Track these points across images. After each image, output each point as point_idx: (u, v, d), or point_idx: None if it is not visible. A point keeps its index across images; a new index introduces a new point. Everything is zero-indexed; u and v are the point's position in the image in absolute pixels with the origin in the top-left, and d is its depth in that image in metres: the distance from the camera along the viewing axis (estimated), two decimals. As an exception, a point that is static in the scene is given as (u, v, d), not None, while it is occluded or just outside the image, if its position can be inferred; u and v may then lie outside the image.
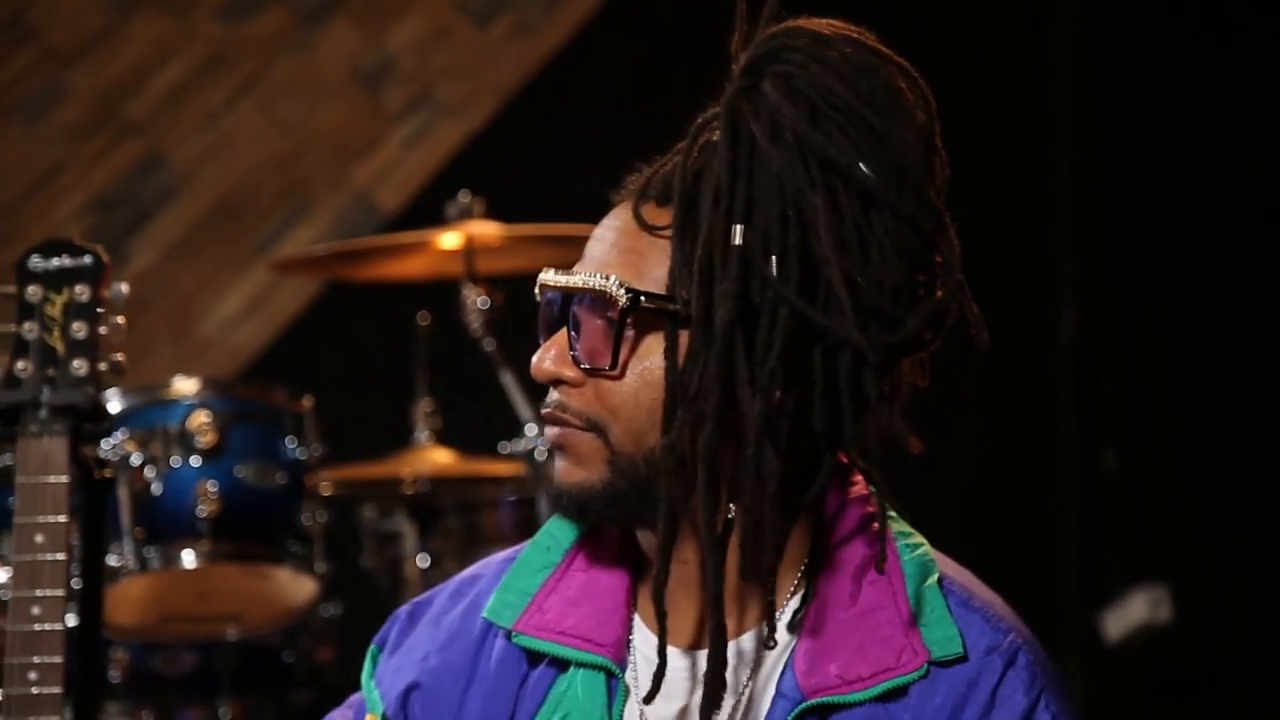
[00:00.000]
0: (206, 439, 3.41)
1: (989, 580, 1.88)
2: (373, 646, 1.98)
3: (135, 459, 3.37)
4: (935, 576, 1.82)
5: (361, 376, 4.93)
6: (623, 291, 1.78)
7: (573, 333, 1.81)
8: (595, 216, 3.99)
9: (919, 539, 1.85)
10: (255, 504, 3.46)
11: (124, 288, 2.57)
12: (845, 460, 1.83)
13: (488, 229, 3.80)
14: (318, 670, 3.94)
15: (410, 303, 4.53)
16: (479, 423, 4.22)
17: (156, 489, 3.39)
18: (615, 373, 1.79)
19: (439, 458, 4.06)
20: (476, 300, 3.73)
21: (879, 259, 1.73)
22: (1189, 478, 4.87)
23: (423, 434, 4.10)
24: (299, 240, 5.28)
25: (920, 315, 1.74)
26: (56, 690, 2.42)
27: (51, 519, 2.46)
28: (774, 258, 1.73)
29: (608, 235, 1.84)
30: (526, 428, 3.65)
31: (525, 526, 4.03)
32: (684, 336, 1.76)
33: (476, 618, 1.90)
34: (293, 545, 3.52)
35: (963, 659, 1.77)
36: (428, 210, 5.19)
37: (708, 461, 1.74)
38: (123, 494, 3.36)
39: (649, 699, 1.79)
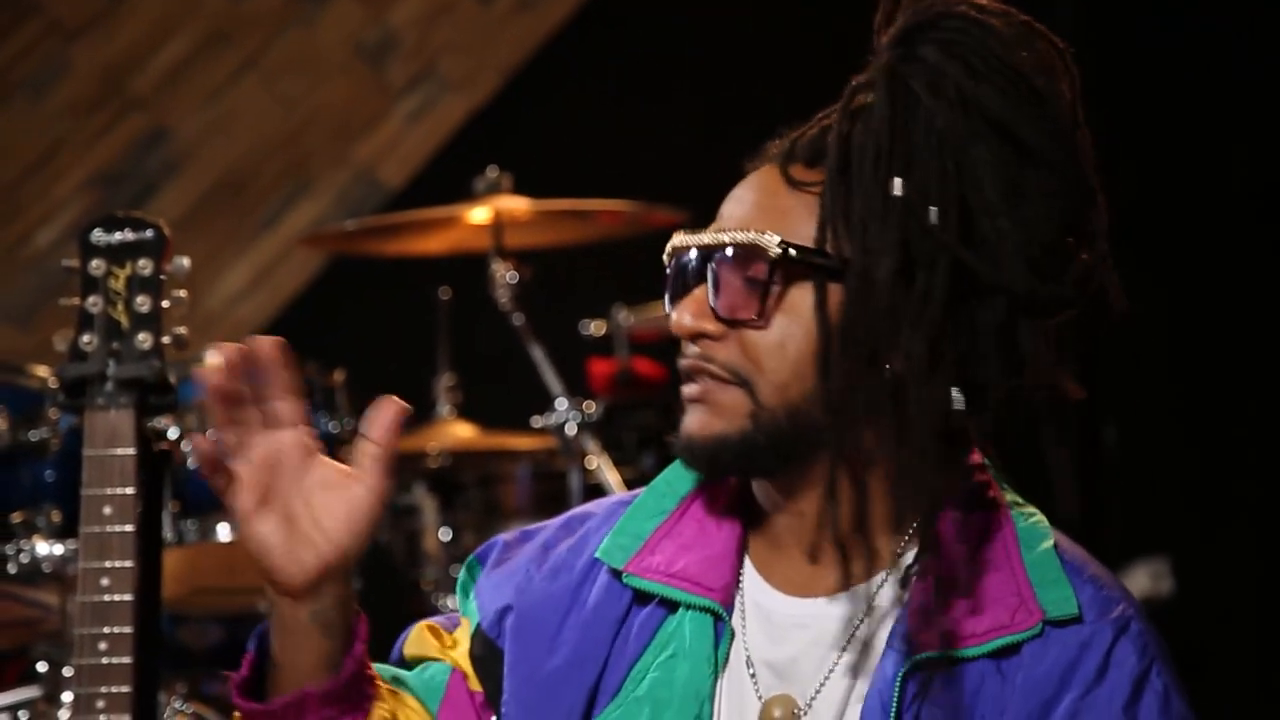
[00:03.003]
0: (242, 413, 3.40)
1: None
2: (471, 559, 2.00)
3: (171, 433, 3.36)
4: (1051, 541, 1.84)
5: (365, 351, 4.93)
6: (774, 242, 1.80)
7: (712, 288, 1.83)
8: (599, 190, 4.02)
9: (1033, 509, 1.87)
10: (291, 478, 3.44)
11: (185, 261, 2.58)
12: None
13: (516, 204, 3.81)
14: (340, 643, 3.95)
15: (417, 278, 4.54)
16: (498, 397, 4.24)
17: (193, 463, 3.38)
18: (762, 323, 1.81)
19: (461, 432, 4.08)
20: (505, 275, 3.74)
21: (1036, 214, 1.78)
22: (1190, 451, 4.92)
23: (444, 408, 4.11)
24: (302, 216, 5.29)
25: (1072, 273, 1.79)
26: (126, 660, 2.43)
27: (119, 491, 2.47)
28: (933, 209, 1.77)
29: (748, 195, 1.86)
30: (557, 401, 3.66)
31: (545, 500, 4.06)
32: (834, 290, 1.79)
33: (582, 554, 1.94)
34: (326, 518, 3.51)
35: (1077, 619, 1.79)
36: (431, 186, 5.22)
37: (868, 409, 1.77)
38: (160, 467, 3.35)
39: None
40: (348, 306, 5.22)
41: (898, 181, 1.77)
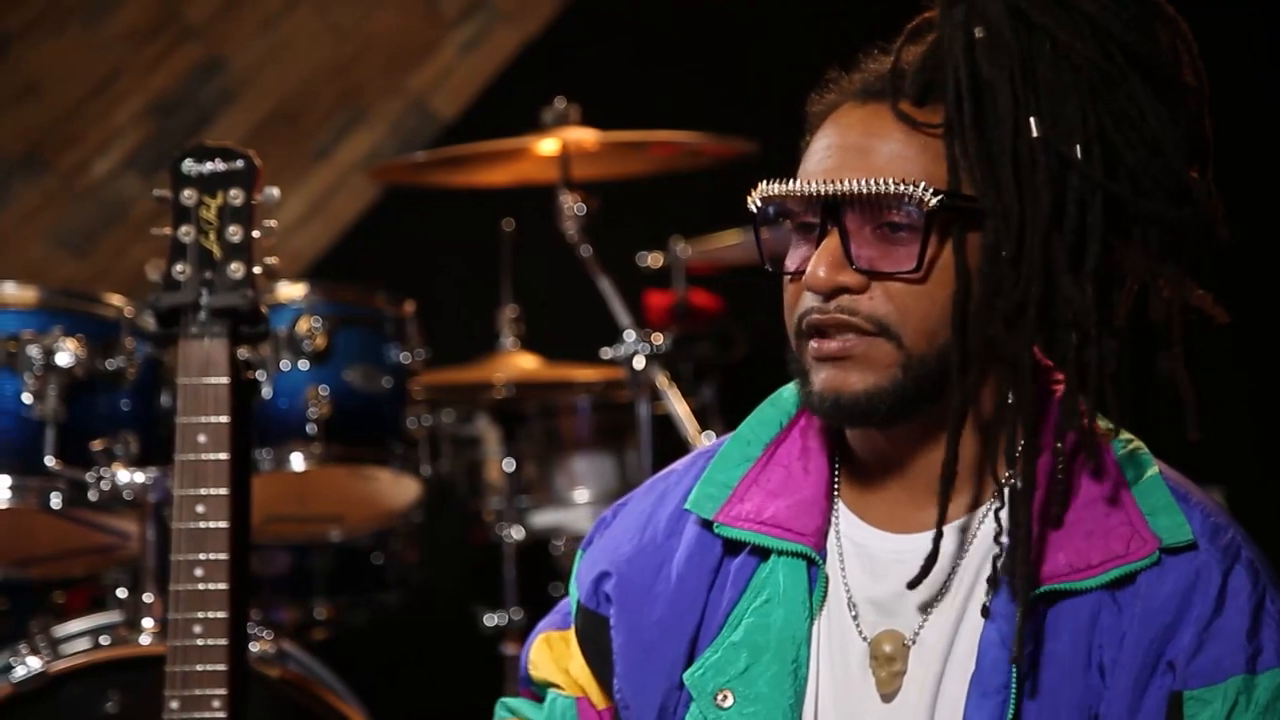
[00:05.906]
0: (316, 343, 3.43)
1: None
2: (579, 551, 2.04)
3: (248, 362, 3.39)
4: (1155, 469, 1.86)
5: (422, 282, 4.94)
6: (929, 194, 1.77)
7: (848, 240, 1.80)
8: (649, 122, 4.01)
9: (1129, 435, 1.88)
10: (363, 407, 3.47)
11: (275, 192, 2.60)
12: (1046, 361, 1.86)
13: (584, 135, 3.81)
14: (405, 572, 3.99)
15: (472, 208, 4.55)
16: (561, 329, 4.26)
17: (266, 392, 3.41)
18: (918, 275, 1.79)
19: (523, 363, 4.09)
20: (573, 206, 3.74)
21: (1171, 141, 1.78)
22: (1244, 381, 4.92)
23: (508, 340, 4.12)
24: (356, 146, 5.29)
25: (1199, 196, 1.79)
26: (223, 586, 2.47)
27: (214, 419, 2.50)
28: (1078, 146, 1.75)
29: (862, 141, 1.82)
30: (625, 333, 3.66)
31: (606, 432, 4.08)
32: (971, 236, 1.78)
33: (667, 507, 1.96)
34: (397, 448, 3.54)
35: (1192, 546, 1.80)
36: (483, 117, 5.21)
37: (1027, 350, 1.77)
38: (234, 397, 3.37)
39: (915, 583, 1.81)
40: (402, 237, 5.23)
41: (1033, 121, 1.75)
